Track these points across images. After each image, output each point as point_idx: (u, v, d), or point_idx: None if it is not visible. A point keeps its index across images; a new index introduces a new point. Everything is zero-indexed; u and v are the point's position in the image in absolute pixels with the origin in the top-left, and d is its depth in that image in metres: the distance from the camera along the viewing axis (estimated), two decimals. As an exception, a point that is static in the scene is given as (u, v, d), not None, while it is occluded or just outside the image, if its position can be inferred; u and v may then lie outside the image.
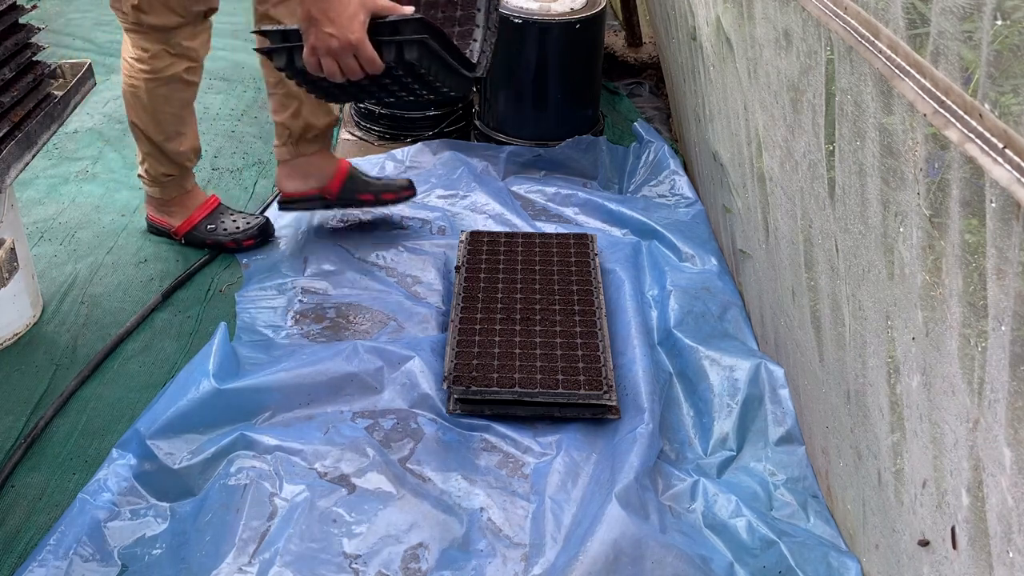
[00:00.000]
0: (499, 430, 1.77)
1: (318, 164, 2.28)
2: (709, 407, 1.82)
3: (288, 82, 2.09)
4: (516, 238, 2.25)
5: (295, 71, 1.70)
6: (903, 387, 1.22)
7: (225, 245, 2.33)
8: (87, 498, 1.59)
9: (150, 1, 2.05)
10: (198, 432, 1.72)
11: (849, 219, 1.34)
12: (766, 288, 1.90)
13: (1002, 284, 0.91)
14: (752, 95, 1.81)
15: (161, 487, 1.65)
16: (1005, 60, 0.88)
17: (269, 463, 1.65)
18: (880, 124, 1.18)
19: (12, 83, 1.91)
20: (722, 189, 2.21)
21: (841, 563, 1.49)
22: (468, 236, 2.26)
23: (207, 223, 2.36)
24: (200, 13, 2.12)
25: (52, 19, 3.93)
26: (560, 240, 2.24)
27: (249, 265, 2.29)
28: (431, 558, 1.52)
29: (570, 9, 2.68)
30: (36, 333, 2.08)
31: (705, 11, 2.15)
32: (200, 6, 2.10)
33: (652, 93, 3.26)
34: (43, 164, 2.76)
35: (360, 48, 1.60)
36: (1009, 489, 0.95)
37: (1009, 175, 0.85)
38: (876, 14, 1.15)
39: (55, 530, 1.54)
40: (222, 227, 2.35)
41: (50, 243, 2.39)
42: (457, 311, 1.98)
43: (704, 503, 1.62)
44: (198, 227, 2.35)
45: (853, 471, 1.48)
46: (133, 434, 1.70)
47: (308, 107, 2.21)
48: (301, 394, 1.81)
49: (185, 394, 1.75)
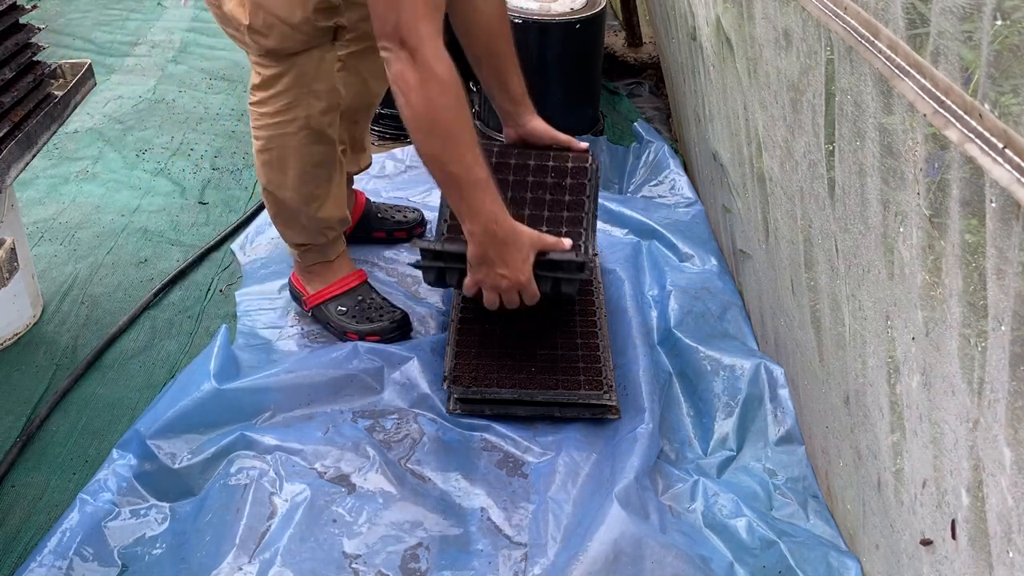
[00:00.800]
0: (499, 430, 1.77)
1: None
2: (709, 407, 1.82)
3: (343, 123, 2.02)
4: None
5: (442, 284, 1.77)
6: (903, 387, 1.22)
7: (347, 336, 1.98)
8: (87, 498, 1.59)
9: (266, 19, 1.70)
10: (198, 432, 1.72)
11: (849, 219, 1.34)
12: (766, 288, 1.90)
13: (1002, 284, 0.91)
14: (752, 95, 1.81)
15: (161, 487, 1.65)
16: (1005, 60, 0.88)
17: (269, 463, 1.65)
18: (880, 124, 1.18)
19: (12, 83, 1.91)
20: (722, 189, 2.21)
21: (841, 563, 1.49)
22: None
23: (339, 303, 2.03)
24: (327, 32, 1.77)
25: (52, 19, 3.94)
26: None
27: (249, 265, 2.29)
28: (431, 558, 1.52)
29: (570, 9, 2.68)
30: (36, 333, 2.08)
31: (705, 11, 2.15)
32: (324, 20, 1.74)
33: (652, 93, 3.26)
34: (43, 164, 2.76)
35: (527, 288, 1.69)
36: (1009, 489, 0.95)
37: (1009, 175, 0.85)
38: (876, 14, 1.15)
39: (55, 530, 1.54)
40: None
41: (50, 243, 2.39)
42: (456, 311, 1.97)
43: (704, 503, 1.62)
44: (327, 304, 2.03)
45: (853, 471, 1.48)
46: (133, 434, 1.70)
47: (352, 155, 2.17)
48: (301, 394, 1.81)
49: (186, 394, 1.75)
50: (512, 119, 2.00)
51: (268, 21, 1.70)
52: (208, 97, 3.27)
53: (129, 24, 3.94)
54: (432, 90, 1.51)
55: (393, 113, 2.82)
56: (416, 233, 2.35)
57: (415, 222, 2.35)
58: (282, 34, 1.71)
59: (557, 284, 1.71)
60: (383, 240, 2.32)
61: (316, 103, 1.81)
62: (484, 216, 1.60)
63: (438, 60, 1.52)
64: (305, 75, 1.78)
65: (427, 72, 1.51)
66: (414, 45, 1.50)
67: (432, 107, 1.53)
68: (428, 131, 1.55)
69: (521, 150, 2.00)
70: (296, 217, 1.94)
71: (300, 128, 1.82)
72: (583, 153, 2.01)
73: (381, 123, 2.86)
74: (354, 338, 1.96)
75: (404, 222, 2.34)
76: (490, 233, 1.62)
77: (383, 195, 2.51)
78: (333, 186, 1.95)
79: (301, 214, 1.93)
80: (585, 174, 1.96)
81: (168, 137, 2.98)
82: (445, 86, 1.53)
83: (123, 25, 3.93)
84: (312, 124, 1.83)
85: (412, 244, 1.73)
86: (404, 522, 1.58)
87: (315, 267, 2.03)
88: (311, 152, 1.86)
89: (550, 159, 1.99)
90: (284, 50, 1.74)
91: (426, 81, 1.51)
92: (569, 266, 1.69)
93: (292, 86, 1.78)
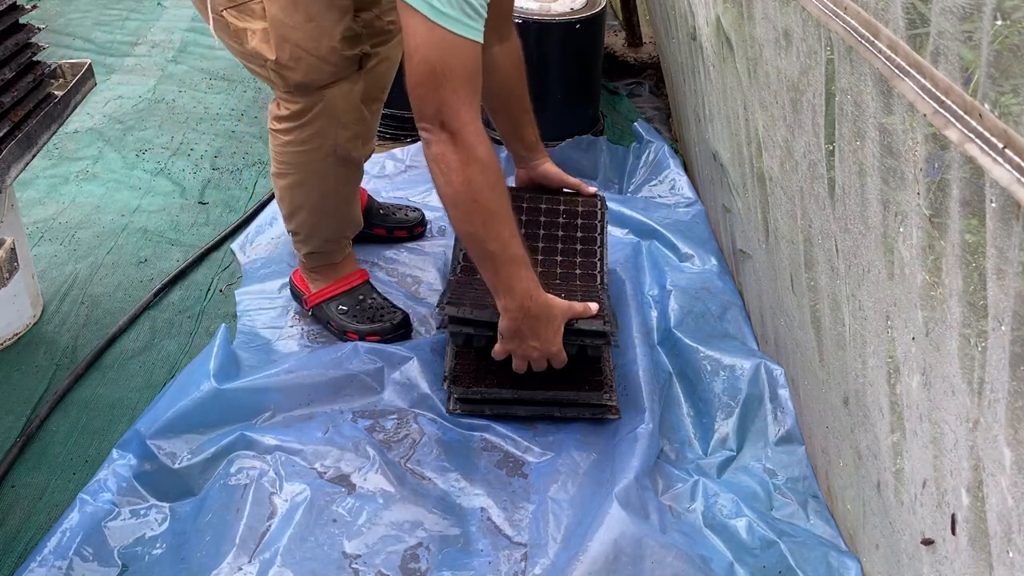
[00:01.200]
0: (499, 430, 1.77)
1: None
2: (709, 407, 1.82)
3: None
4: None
5: (468, 346, 1.80)
6: (903, 387, 1.22)
7: (347, 336, 1.98)
8: (87, 498, 1.59)
9: (293, 52, 1.69)
10: (198, 432, 1.72)
11: (849, 219, 1.34)
12: (766, 288, 1.90)
13: (1002, 284, 0.91)
14: (752, 95, 1.81)
15: (161, 487, 1.65)
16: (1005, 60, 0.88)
17: (269, 463, 1.65)
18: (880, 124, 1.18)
19: (12, 83, 1.91)
20: (722, 189, 2.21)
21: (841, 563, 1.49)
22: None
23: (340, 302, 2.03)
24: (354, 61, 1.76)
25: (52, 19, 3.94)
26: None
27: (249, 265, 2.29)
28: (431, 558, 1.52)
29: (570, 9, 2.68)
30: (36, 333, 2.08)
31: (705, 11, 2.15)
32: (350, 49, 1.73)
33: (652, 93, 3.26)
34: (43, 164, 2.76)
35: (556, 356, 1.71)
36: (1009, 489, 0.95)
37: (1009, 175, 0.85)
38: (876, 14, 1.15)
39: (55, 530, 1.54)
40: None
41: (50, 243, 2.39)
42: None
43: (704, 503, 1.62)
44: (328, 304, 2.03)
45: (853, 471, 1.48)
46: (133, 435, 1.69)
47: None
48: (301, 394, 1.81)
49: (186, 395, 1.75)
50: (525, 163, 2.07)
51: (295, 54, 1.69)
52: (208, 97, 3.27)
53: (129, 24, 3.94)
54: (473, 170, 1.53)
55: (393, 113, 2.82)
56: (416, 233, 2.35)
57: (415, 221, 2.35)
58: (309, 66, 1.70)
59: (584, 348, 1.76)
60: (384, 238, 2.32)
61: (344, 132, 1.82)
62: (519, 293, 1.62)
63: (479, 141, 1.53)
64: (334, 109, 1.77)
65: (469, 153, 1.52)
66: (456, 128, 1.51)
67: (472, 187, 1.54)
68: (468, 210, 1.57)
69: (532, 193, 2.10)
70: (315, 232, 1.96)
71: (327, 155, 1.83)
72: (592, 197, 2.10)
73: (381, 123, 2.85)
74: (354, 338, 1.96)
75: (405, 220, 2.34)
76: (524, 309, 1.64)
77: (383, 195, 2.50)
78: (354, 201, 1.99)
79: (320, 228, 1.95)
80: (595, 216, 2.06)
81: (168, 137, 2.98)
82: (486, 167, 1.54)
83: (123, 25, 3.93)
84: (339, 152, 1.84)
85: (438, 311, 1.75)
86: (404, 522, 1.57)
87: (320, 268, 2.04)
88: (336, 174, 1.88)
89: (561, 203, 2.09)
90: (313, 83, 1.73)
91: (468, 162, 1.52)
92: (595, 335, 1.73)
93: (319, 117, 1.77)
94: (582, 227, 2.02)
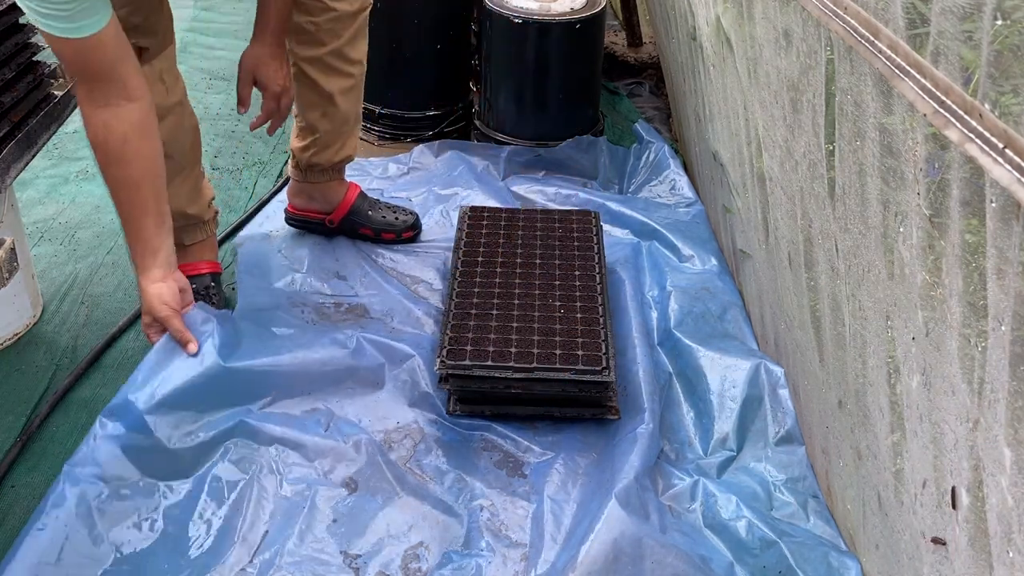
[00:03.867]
0: (499, 430, 1.77)
1: (323, 191, 2.26)
2: (709, 407, 1.82)
3: (308, 115, 2.13)
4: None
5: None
6: (903, 387, 1.22)
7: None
8: (74, 470, 1.53)
9: None
10: (197, 411, 1.68)
11: (849, 219, 1.34)
12: (766, 288, 1.90)
13: (1002, 284, 0.91)
14: (752, 95, 1.81)
15: (152, 463, 1.60)
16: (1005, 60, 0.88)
17: (269, 459, 1.65)
18: (880, 124, 1.18)
19: (12, 83, 1.91)
20: (722, 189, 2.21)
21: (841, 563, 1.49)
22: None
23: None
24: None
25: (52, 19, 3.93)
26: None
27: (249, 260, 2.28)
28: (431, 558, 1.52)
29: (570, 9, 2.68)
30: (36, 333, 2.08)
31: (705, 11, 2.15)
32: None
33: (652, 93, 3.26)
34: (43, 164, 2.76)
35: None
36: (1009, 489, 0.95)
37: (1009, 175, 0.86)
38: (876, 14, 1.15)
39: (43, 509, 1.48)
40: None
41: (50, 243, 2.39)
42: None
43: (704, 503, 1.62)
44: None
45: (853, 471, 1.48)
46: (123, 402, 1.62)
47: (321, 147, 2.18)
48: (302, 382, 1.80)
49: (183, 364, 1.68)
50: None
51: None
52: (208, 97, 3.26)
53: (129, 24, 3.94)
54: None
55: (393, 113, 2.82)
56: (405, 238, 2.33)
57: (405, 225, 2.32)
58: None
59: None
60: (369, 237, 2.31)
61: None
62: None
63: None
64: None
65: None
66: None
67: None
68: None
69: (528, 213, 2.18)
70: None
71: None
72: (587, 215, 2.18)
73: (381, 123, 2.86)
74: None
75: (395, 224, 2.32)
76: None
77: (385, 195, 2.51)
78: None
79: None
80: (591, 229, 2.13)
81: (168, 137, 2.97)
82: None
83: (123, 25, 3.93)
84: None
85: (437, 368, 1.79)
86: (404, 522, 1.58)
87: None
88: None
89: (556, 220, 2.15)
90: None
91: None
92: (592, 385, 1.76)
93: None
94: (578, 247, 2.08)
